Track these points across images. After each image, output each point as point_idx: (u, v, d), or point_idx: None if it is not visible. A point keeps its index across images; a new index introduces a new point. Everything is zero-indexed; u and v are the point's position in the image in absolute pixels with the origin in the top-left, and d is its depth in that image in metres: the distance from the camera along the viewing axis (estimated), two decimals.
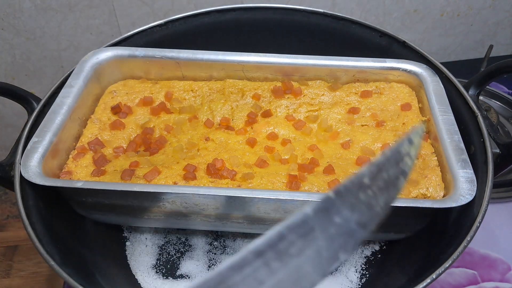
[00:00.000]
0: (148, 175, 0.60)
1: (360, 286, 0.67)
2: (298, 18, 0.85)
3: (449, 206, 0.54)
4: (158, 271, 0.69)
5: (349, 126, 0.70)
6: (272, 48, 0.77)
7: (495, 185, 0.83)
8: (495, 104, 1.02)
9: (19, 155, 0.61)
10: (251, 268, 0.20)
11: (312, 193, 0.57)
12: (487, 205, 0.57)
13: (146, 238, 0.72)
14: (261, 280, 0.20)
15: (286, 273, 0.21)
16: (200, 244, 0.72)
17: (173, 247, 0.72)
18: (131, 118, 0.72)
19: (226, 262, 0.20)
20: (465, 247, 0.54)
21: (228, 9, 0.84)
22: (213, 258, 0.70)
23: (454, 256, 0.54)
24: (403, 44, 0.79)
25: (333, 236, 0.23)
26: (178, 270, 0.69)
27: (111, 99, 0.74)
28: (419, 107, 0.72)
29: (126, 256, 0.71)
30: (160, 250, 0.71)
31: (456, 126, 0.64)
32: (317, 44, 0.84)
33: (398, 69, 0.74)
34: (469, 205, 0.55)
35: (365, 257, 0.70)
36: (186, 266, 0.69)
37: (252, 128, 0.71)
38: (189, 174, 0.61)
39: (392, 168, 0.26)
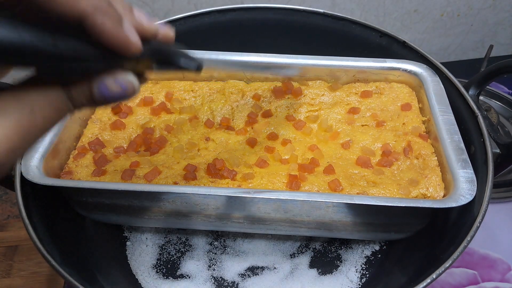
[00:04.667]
0: (148, 175, 0.60)
1: (360, 286, 0.67)
2: (298, 18, 0.85)
3: (449, 206, 0.54)
4: (158, 271, 0.69)
5: (349, 126, 0.70)
6: (272, 48, 0.77)
7: (495, 185, 0.83)
8: (495, 104, 1.02)
9: None
10: None
11: (312, 193, 0.58)
12: (487, 205, 0.57)
13: (146, 238, 0.72)
14: None
15: None
16: (200, 244, 0.72)
17: (174, 247, 0.72)
18: (132, 118, 0.72)
19: None
20: (465, 247, 0.54)
21: (228, 9, 0.84)
22: (213, 258, 0.70)
23: (454, 256, 0.54)
24: (403, 44, 0.79)
25: None
26: (179, 270, 0.69)
27: None
28: (419, 107, 0.72)
29: (127, 256, 0.71)
30: (160, 250, 0.71)
31: (456, 126, 0.64)
32: (317, 44, 0.84)
33: (398, 69, 0.74)
34: (469, 205, 0.55)
35: (365, 257, 0.70)
36: (187, 266, 0.69)
37: (252, 128, 0.71)
38: (190, 174, 0.61)
39: None
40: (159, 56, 0.34)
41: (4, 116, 0.26)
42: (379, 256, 0.71)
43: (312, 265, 0.69)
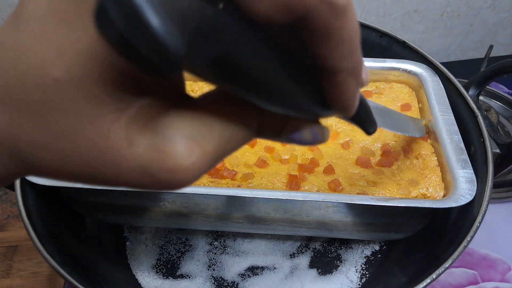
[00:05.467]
0: None
1: (360, 286, 0.67)
2: None
3: (449, 206, 0.54)
4: (158, 271, 0.69)
5: (349, 126, 0.70)
6: None
7: (495, 185, 0.83)
8: (495, 104, 1.02)
9: None
10: None
11: (312, 193, 0.57)
12: (487, 205, 0.57)
13: (146, 238, 0.73)
14: None
15: None
16: (200, 244, 0.72)
17: (173, 247, 0.72)
18: None
19: None
20: (465, 247, 0.54)
21: None
22: (213, 258, 0.70)
23: (454, 256, 0.54)
24: (403, 44, 0.79)
25: None
26: (179, 270, 0.69)
27: None
28: (419, 107, 0.72)
29: (127, 256, 0.71)
30: (160, 250, 0.71)
31: (456, 126, 0.64)
32: None
33: (398, 69, 0.74)
34: (469, 205, 0.55)
35: (365, 257, 0.70)
36: (187, 266, 0.69)
37: None
38: None
39: None
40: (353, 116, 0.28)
41: (208, 136, 0.21)
42: (379, 256, 0.71)
43: (312, 265, 0.69)
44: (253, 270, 0.69)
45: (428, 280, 0.52)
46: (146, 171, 0.20)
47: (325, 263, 0.70)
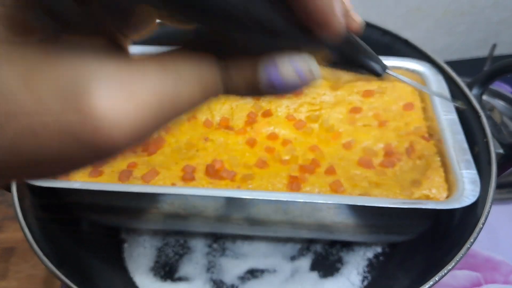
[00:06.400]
0: (146, 176, 0.59)
1: None
2: None
3: (452, 207, 0.53)
4: (156, 273, 0.68)
5: (351, 126, 0.69)
6: None
7: (498, 186, 0.82)
8: (498, 103, 1.01)
9: None
10: None
11: (313, 195, 0.57)
12: (491, 206, 0.56)
13: (144, 240, 0.71)
14: None
15: None
16: (199, 246, 0.71)
17: (172, 249, 0.71)
18: None
19: None
20: (468, 248, 0.53)
21: None
22: (212, 261, 0.69)
23: (457, 258, 0.53)
24: (406, 42, 0.78)
25: None
26: (177, 273, 0.68)
27: None
28: (422, 106, 0.71)
29: (124, 258, 0.70)
30: (158, 252, 0.70)
31: (459, 126, 0.63)
32: None
33: (401, 67, 0.73)
34: (473, 206, 0.54)
35: (367, 259, 0.69)
36: (185, 268, 0.68)
37: (252, 128, 0.70)
38: (188, 175, 0.60)
39: None
40: (346, 50, 0.26)
41: (142, 81, 0.18)
42: (381, 258, 0.70)
43: (313, 267, 0.68)
44: (253, 273, 0.68)
45: (430, 283, 0.51)
46: (65, 130, 0.17)
47: (326, 265, 0.69)
